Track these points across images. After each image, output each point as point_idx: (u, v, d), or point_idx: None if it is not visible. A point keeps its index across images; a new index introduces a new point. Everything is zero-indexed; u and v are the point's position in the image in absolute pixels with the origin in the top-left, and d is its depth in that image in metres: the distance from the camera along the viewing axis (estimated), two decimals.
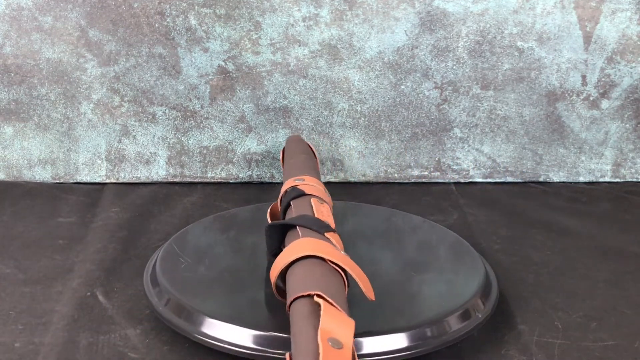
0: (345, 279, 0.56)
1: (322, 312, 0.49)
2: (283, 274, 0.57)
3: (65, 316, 0.64)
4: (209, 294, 0.64)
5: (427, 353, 0.57)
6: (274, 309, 0.60)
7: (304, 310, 0.51)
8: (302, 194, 0.70)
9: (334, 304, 0.50)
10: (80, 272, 0.72)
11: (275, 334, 0.57)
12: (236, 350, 0.57)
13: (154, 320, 0.63)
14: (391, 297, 0.63)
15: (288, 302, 0.53)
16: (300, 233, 0.61)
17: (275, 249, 0.66)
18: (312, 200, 0.69)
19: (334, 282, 0.55)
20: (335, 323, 0.48)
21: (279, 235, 0.65)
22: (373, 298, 0.56)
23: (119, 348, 0.60)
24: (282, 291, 0.58)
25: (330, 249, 0.59)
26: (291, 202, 0.69)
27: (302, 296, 0.52)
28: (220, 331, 0.58)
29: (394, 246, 0.75)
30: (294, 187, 0.72)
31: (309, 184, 0.73)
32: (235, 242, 0.75)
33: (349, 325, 0.49)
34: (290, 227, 0.64)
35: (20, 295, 0.68)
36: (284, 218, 0.69)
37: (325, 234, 0.62)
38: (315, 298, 0.51)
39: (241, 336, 0.57)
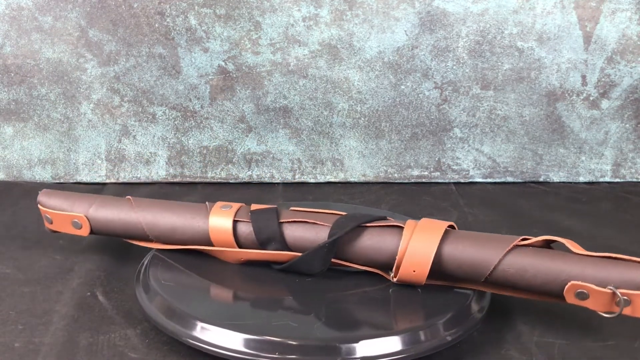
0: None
1: (572, 246, 0.61)
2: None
3: (65, 316, 0.64)
4: (202, 296, 0.63)
5: (425, 355, 0.57)
6: (269, 312, 0.60)
7: (551, 253, 0.61)
8: (276, 210, 0.67)
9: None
10: (80, 272, 0.72)
11: (270, 338, 0.56)
12: (230, 355, 0.56)
13: None
14: (385, 300, 0.62)
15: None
16: (382, 226, 0.64)
17: (325, 265, 0.64)
18: (295, 207, 0.68)
19: None
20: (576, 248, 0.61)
21: (334, 247, 0.64)
22: None
23: (119, 348, 0.60)
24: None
25: (434, 220, 0.65)
26: (283, 221, 0.66)
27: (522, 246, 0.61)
28: (214, 335, 0.57)
29: None
30: (255, 210, 0.67)
31: (243, 203, 0.70)
32: None
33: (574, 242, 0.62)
34: (347, 233, 0.63)
35: (20, 295, 0.68)
36: (282, 239, 0.65)
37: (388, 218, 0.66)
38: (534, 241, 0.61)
39: (234, 340, 0.57)
